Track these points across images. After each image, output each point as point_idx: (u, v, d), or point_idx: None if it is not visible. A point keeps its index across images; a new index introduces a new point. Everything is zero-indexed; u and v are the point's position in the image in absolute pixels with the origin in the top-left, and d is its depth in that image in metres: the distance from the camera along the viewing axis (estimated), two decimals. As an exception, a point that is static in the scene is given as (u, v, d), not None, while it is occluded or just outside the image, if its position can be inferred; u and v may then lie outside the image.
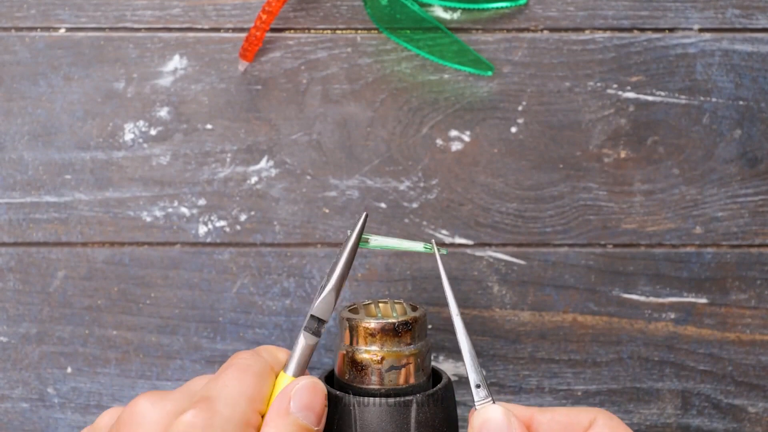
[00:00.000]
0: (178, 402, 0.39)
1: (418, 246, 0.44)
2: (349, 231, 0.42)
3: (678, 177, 0.56)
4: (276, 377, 0.41)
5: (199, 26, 0.55)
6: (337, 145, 0.56)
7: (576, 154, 0.56)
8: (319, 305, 0.41)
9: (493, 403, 0.41)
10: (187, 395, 0.40)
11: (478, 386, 0.41)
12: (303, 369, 0.41)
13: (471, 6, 0.55)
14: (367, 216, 0.42)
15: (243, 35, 0.55)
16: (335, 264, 0.42)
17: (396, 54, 0.55)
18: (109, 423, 0.41)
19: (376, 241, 0.44)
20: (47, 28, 0.55)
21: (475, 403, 0.41)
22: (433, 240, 0.45)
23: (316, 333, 0.41)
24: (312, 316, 0.41)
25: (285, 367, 0.41)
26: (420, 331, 0.45)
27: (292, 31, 0.55)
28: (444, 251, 0.44)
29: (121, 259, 0.56)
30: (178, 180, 0.56)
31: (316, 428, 0.39)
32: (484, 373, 0.56)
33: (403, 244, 0.44)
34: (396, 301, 0.46)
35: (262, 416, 0.39)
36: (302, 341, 0.41)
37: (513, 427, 0.40)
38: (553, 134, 0.56)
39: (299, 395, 0.39)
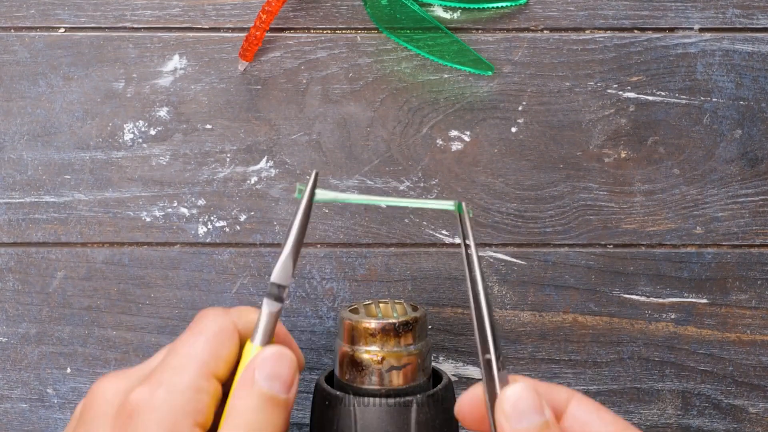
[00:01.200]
0: (136, 378, 0.39)
1: (446, 204, 0.42)
2: (298, 184, 0.41)
3: (678, 177, 0.56)
4: (241, 339, 0.40)
5: (199, 26, 0.55)
6: (337, 145, 0.56)
7: (576, 154, 0.56)
8: (277, 271, 0.40)
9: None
10: (146, 370, 0.39)
11: (498, 357, 0.38)
12: (269, 337, 0.40)
13: (471, 6, 0.55)
14: (317, 174, 0.41)
15: (243, 35, 0.55)
16: (290, 228, 0.40)
17: (396, 54, 0.55)
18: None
19: (396, 201, 0.42)
20: (47, 28, 0.55)
21: (496, 377, 0.38)
22: (464, 202, 0.42)
23: (278, 299, 0.40)
24: (272, 282, 0.40)
25: (252, 336, 0.40)
26: (420, 331, 0.45)
27: (292, 31, 0.55)
28: (470, 212, 0.42)
29: (121, 260, 0.56)
30: (177, 180, 0.56)
31: (284, 396, 0.38)
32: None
33: (428, 203, 0.42)
34: (396, 301, 0.46)
35: (221, 381, 0.38)
36: (265, 309, 0.40)
37: (544, 405, 0.37)
38: (553, 134, 0.55)
39: (263, 365, 0.38)
